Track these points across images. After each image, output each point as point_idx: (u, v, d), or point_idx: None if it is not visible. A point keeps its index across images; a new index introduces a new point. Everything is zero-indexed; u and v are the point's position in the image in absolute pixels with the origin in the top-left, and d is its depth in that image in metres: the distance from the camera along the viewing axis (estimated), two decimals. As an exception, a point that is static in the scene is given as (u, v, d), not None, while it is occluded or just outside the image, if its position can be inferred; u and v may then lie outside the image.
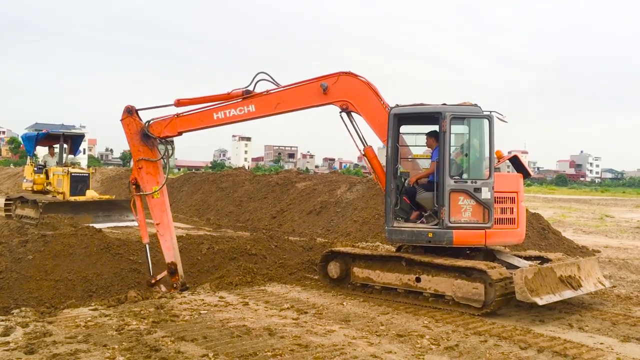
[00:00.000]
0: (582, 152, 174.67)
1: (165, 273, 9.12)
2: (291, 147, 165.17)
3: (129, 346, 5.87)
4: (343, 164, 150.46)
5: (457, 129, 8.52)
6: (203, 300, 8.18)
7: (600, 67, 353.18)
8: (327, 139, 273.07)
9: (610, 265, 12.56)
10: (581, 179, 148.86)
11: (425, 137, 9.25)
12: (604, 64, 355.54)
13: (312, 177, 23.72)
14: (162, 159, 9.50)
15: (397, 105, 8.71)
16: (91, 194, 17.45)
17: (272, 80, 9.19)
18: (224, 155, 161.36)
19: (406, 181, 9.16)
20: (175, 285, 9.04)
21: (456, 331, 6.91)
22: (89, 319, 6.94)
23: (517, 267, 8.19)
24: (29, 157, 19.92)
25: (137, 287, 8.69)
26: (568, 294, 7.99)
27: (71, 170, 17.58)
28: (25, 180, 19.03)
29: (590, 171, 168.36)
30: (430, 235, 8.38)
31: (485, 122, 8.37)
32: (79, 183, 17.31)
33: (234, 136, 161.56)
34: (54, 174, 17.87)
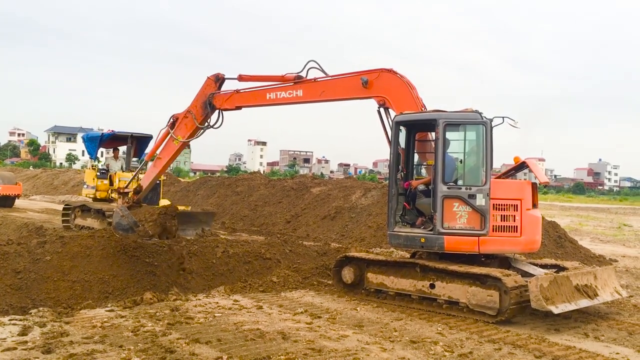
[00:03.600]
0: (600, 160, 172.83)
1: (132, 190, 10.49)
2: (306, 152, 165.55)
3: (144, 347, 5.94)
4: (358, 170, 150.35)
5: (452, 135, 8.53)
6: (217, 303, 8.24)
7: (620, 74, 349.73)
8: (342, 144, 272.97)
9: (627, 274, 12.42)
10: (599, 187, 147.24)
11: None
12: (624, 70, 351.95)
13: (327, 182, 23.73)
14: (202, 128, 10.50)
15: (401, 113, 8.79)
16: (165, 204, 15.28)
17: (320, 69, 9.79)
18: (239, 159, 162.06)
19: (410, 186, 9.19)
20: (127, 200, 10.35)
21: (470, 338, 6.89)
22: (105, 319, 7.02)
23: (532, 275, 8.14)
24: (90, 161, 17.72)
25: (153, 289, 8.76)
26: (584, 303, 7.91)
27: (141, 176, 15.56)
28: (85, 186, 16.87)
29: (609, 179, 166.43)
30: (422, 240, 8.39)
31: (481, 128, 8.33)
32: (149, 191, 15.10)
33: (249, 140, 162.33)
34: (119, 180, 15.57)
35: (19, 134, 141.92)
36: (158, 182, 15.43)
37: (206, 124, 10.53)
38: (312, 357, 5.89)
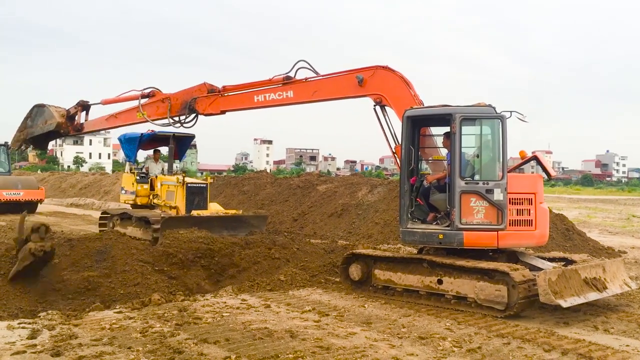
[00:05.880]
0: (608, 151, 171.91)
1: (78, 110, 10.84)
2: (313, 149, 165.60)
3: (153, 348, 5.95)
4: (365, 166, 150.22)
5: (468, 130, 8.46)
6: (225, 302, 8.25)
7: (627, 64, 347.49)
8: (348, 141, 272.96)
9: (636, 266, 12.35)
10: (607, 179, 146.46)
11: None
12: (631, 61, 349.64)
13: (333, 179, 23.69)
14: (169, 121, 10.41)
15: (412, 108, 8.73)
16: (216, 208, 14.27)
17: (311, 69, 9.58)
18: (245, 158, 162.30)
19: (424, 182, 9.14)
20: (67, 127, 10.60)
21: (479, 333, 6.87)
22: (113, 321, 7.04)
23: (540, 269, 8.11)
24: (128, 164, 16.04)
25: (160, 290, 8.78)
26: (593, 295, 7.88)
27: (187, 180, 13.93)
28: (124, 192, 15.23)
29: (617, 171, 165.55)
30: (440, 236, 8.35)
31: (497, 122, 8.29)
32: (195, 196, 13.82)
33: (255, 139, 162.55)
34: (162, 184, 14.39)
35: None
36: (204, 185, 14.23)
37: (177, 119, 10.31)
38: (321, 355, 5.89)
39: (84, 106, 10.29)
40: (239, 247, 10.85)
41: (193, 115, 10.40)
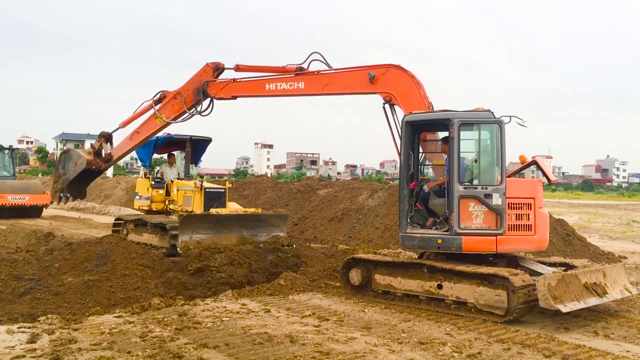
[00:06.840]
0: (608, 156, 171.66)
1: (102, 142, 11.04)
2: (313, 154, 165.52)
3: (152, 353, 5.94)
4: (365, 171, 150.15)
5: (466, 134, 8.47)
6: (225, 307, 8.24)
7: (627, 69, 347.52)
8: (349, 146, 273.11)
9: (637, 271, 12.33)
10: (607, 184, 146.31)
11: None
12: (631, 66, 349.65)
13: (333, 184, 23.71)
14: (187, 112, 10.32)
15: (411, 113, 8.74)
16: (234, 207, 13.71)
17: (324, 62, 9.60)
18: (246, 162, 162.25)
19: (423, 187, 9.14)
20: (94, 162, 10.78)
21: (479, 339, 6.86)
22: (113, 326, 7.04)
23: (540, 274, 8.10)
24: (143, 168, 15.63)
25: (160, 295, 8.78)
26: (593, 301, 7.86)
27: (205, 185, 13.51)
28: (138, 197, 14.68)
29: (617, 176, 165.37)
30: (439, 241, 8.35)
31: (496, 127, 8.30)
32: (214, 201, 13.40)
33: (256, 144, 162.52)
34: (178, 190, 13.88)
35: (27, 142, 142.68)
36: (223, 190, 13.77)
37: (194, 109, 10.38)
38: (320, 360, 5.88)
39: (107, 137, 10.47)
40: (256, 272, 10.64)
41: (208, 102, 10.49)
